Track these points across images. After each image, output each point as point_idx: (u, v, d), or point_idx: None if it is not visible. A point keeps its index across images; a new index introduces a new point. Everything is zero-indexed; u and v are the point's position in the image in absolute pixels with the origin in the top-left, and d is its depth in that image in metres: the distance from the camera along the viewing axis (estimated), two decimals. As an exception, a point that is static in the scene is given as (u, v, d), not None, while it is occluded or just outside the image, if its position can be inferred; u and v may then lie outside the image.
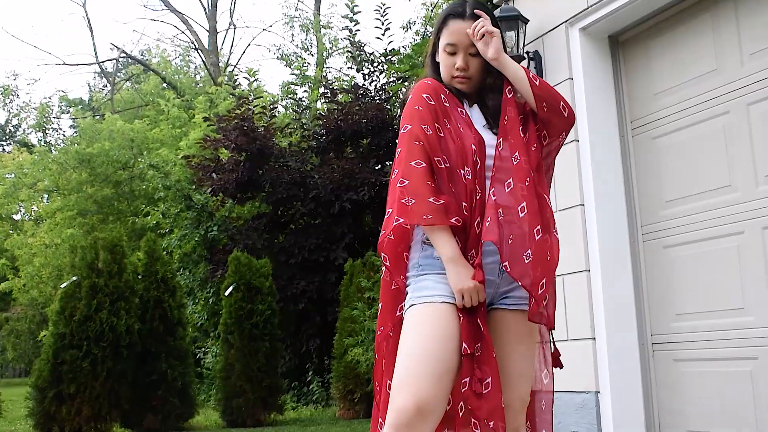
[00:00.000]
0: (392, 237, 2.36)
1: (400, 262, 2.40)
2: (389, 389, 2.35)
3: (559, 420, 4.85)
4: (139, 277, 8.97)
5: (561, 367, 2.53)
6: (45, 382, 7.96)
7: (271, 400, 8.97)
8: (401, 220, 2.30)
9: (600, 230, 4.73)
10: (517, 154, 2.38)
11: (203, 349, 13.73)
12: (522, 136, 2.41)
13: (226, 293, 8.98)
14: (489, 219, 2.30)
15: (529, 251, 2.30)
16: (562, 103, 2.48)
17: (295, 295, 11.43)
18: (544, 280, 2.29)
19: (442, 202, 2.27)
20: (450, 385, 2.24)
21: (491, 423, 2.21)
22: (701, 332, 4.44)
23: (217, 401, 9.20)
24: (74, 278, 8.34)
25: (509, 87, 2.49)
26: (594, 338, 4.66)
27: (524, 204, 2.33)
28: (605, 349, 4.61)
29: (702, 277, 4.46)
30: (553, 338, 2.58)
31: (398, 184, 2.33)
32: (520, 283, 2.29)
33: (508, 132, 2.42)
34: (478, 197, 2.33)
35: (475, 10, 2.50)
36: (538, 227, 2.36)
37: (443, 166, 2.34)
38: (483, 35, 2.47)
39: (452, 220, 2.27)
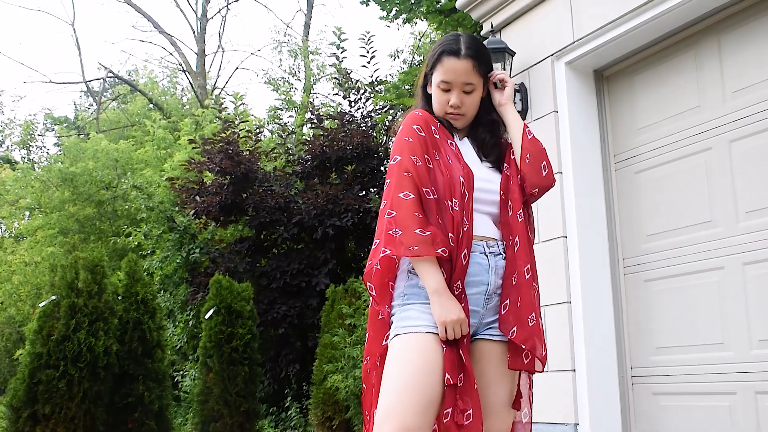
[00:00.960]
0: (379, 267, 2.39)
1: (385, 291, 2.42)
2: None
3: (538, 451, 4.84)
4: (119, 297, 8.91)
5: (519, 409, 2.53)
6: (20, 401, 7.86)
7: (249, 426, 8.91)
8: (388, 252, 2.33)
9: (582, 262, 4.75)
10: (521, 212, 2.48)
11: (181, 372, 13.62)
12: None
13: (206, 316, 8.94)
14: (507, 303, 2.40)
15: (533, 314, 2.39)
16: (544, 162, 2.55)
17: (276, 319, 11.38)
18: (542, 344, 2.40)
19: (428, 233, 2.29)
20: (434, 415, 2.24)
21: None
22: (681, 366, 4.46)
23: (194, 425, 9.12)
24: (53, 297, 8.28)
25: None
26: (574, 370, 4.67)
27: (529, 266, 2.43)
28: (585, 381, 4.62)
29: (682, 311, 4.49)
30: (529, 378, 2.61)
31: (386, 215, 2.37)
32: (523, 346, 2.36)
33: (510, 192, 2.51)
34: (465, 229, 2.35)
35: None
36: (536, 287, 2.47)
37: (432, 197, 2.37)
38: (500, 80, 2.62)
39: (438, 251, 2.28)
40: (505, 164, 2.57)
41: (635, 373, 4.72)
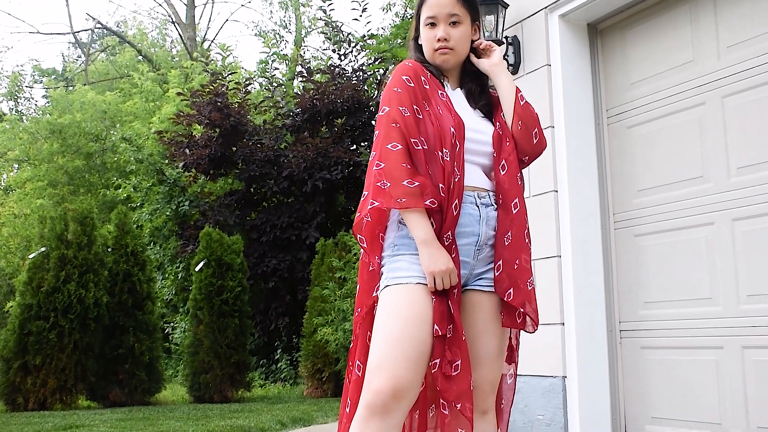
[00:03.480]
0: (369, 219, 2.39)
1: (375, 243, 2.42)
2: (358, 371, 2.37)
3: (526, 404, 4.89)
4: (109, 249, 8.91)
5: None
6: (10, 352, 7.90)
7: (239, 377, 8.97)
8: (377, 203, 2.32)
9: (572, 217, 4.76)
10: (520, 174, 2.50)
11: (172, 324, 13.68)
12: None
13: (197, 269, 8.94)
14: (501, 264, 2.41)
15: (531, 279, 2.42)
16: (537, 129, 2.55)
17: (266, 273, 11.42)
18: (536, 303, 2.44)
19: (417, 184, 2.28)
20: (425, 367, 2.26)
21: (458, 405, 2.24)
22: (669, 321, 4.49)
23: (184, 377, 9.18)
24: (43, 249, 8.27)
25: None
26: (563, 324, 4.70)
27: (527, 230, 2.47)
28: (573, 335, 4.65)
29: (671, 266, 4.51)
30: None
31: (375, 167, 2.36)
32: (521, 309, 2.40)
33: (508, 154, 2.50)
34: (456, 179, 2.34)
35: None
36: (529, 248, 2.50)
37: (420, 147, 2.35)
38: (485, 49, 2.63)
39: (427, 203, 2.28)
40: (497, 122, 2.55)
41: (623, 327, 4.75)
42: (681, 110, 4.54)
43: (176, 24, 25.35)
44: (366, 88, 12.67)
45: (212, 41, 26.76)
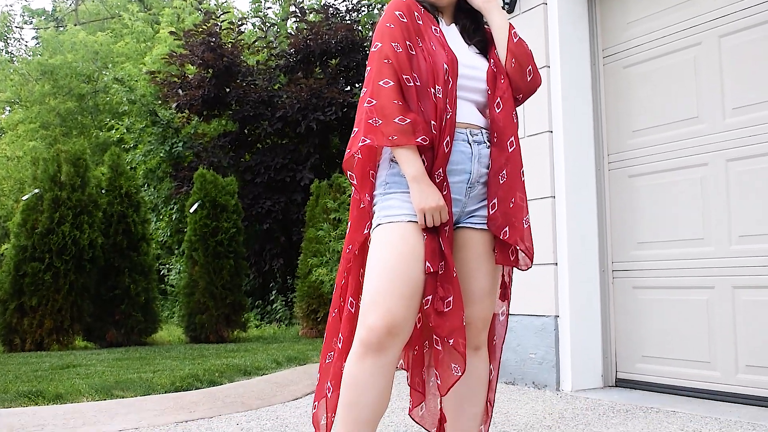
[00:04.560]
0: (360, 156, 2.39)
1: (366, 180, 2.42)
2: (351, 307, 2.38)
3: (518, 342, 4.95)
4: (103, 191, 8.89)
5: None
6: (6, 294, 7.93)
7: (235, 318, 9.04)
8: (368, 141, 2.31)
9: (567, 157, 4.75)
10: (515, 112, 2.49)
11: (167, 266, 13.73)
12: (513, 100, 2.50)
13: (191, 210, 8.94)
14: (496, 202, 2.40)
15: (527, 217, 2.43)
16: (531, 66, 2.51)
17: (261, 214, 11.43)
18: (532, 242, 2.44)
19: (408, 121, 2.26)
20: (418, 304, 2.27)
21: (451, 341, 2.26)
22: (661, 261, 4.52)
23: (180, 317, 9.24)
24: (36, 191, 8.25)
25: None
26: (556, 264, 4.73)
27: (523, 169, 2.45)
28: (566, 275, 4.68)
29: (665, 207, 4.52)
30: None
31: (366, 104, 2.34)
32: (518, 247, 2.40)
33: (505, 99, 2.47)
34: (448, 116, 2.32)
35: None
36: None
37: (412, 84, 2.33)
38: None
39: (418, 140, 2.26)
40: (492, 59, 2.52)
41: (616, 268, 4.78)
42: (677, 50, 4.50)
43: (167, -38, 24.90)
44: (360, 28, 12.52)
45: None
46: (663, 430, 3.49)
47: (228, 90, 11.87)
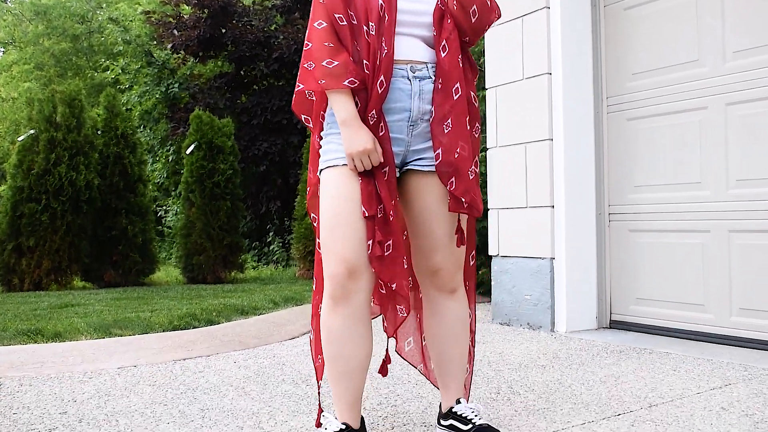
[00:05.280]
0: (294, 99, 2.41)
1: (317, 122, 2.43)
2: (319, 248, 2.40)
3: (514, 284, 4.98)
4: (99, 132, 8.85)
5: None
6: (4, 234, 7.95)
7: (232, 259, 9.09)
8: (301, 86, 2.33)
9: (565, 99, 4.72)
10: (461, 56, 2.34)
11: (164, 207, 13.74)
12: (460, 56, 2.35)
13: (188, 151, 8.92)
14: (440, 152, 2.29)
15: (473, 167, 2.31)
16: (476, 6, 2.33)
17: (257, 156, 11.40)
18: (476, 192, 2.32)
19: (336, 63, 2.22)
20: (363, 239, 2.26)
21: (394, 285, 2.23)
22: (658, 204, 4.53)
23: (177, 259, 9.29)
24: (31, 131, 8.21)
25: None
26: (553, 206, 4.73)
27: (469, 117, 2.33)
28: (563, 218, 4.69)
29: (663, 150, 4.51)
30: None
31: (305, 47, 2.33)
32: (463, 199, 2.28)
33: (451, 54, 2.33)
34: (382, 55, 2.24)
35: None
36: (476, 136, 2.43)
37: (345, 23, 2.26)
38: None
39: (345, 83, 2.21)
40: None
41: (612, 211, 4.79)
42: (679, -9, 4.45)
43: None
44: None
45: None
46: (656, 371, 3.53)
47: (224, 31, 11.75)
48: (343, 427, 2.31)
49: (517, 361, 3.85)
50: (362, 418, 2.40)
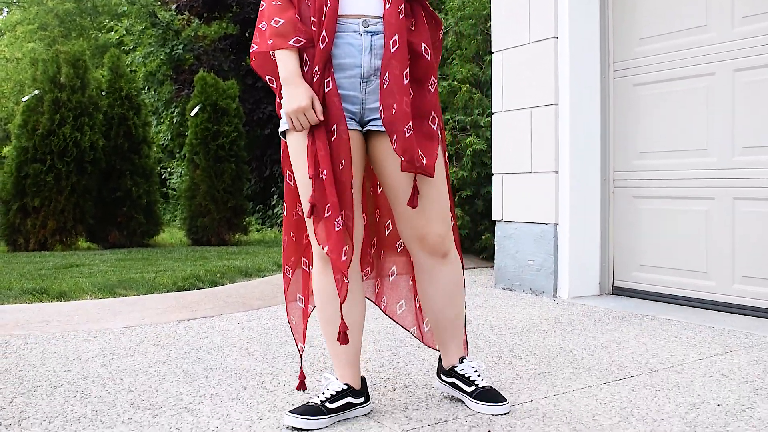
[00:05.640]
0: (254, 59, 2.40)
1: (275, 83, 2.40)
2: (299, 212, 2.43)
3: (517, 249, 4.99)
4: (103, 93, 8.83)
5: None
6: (9, 194, 7.97)
7: (236, 221, 9.10)
8: (255, 47, 2.33)
9: (572, 64, 4.69)
10: (401, 7, 2.26)
11: (168, 169, 13.74)
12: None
13: (192, 113, 8.90)
14: (382, 109, 2.22)
15: (410, 124, 2.19)
16: None
17: (262, 119, 11.37)
18: (419, 151, 2.21)
19: (282, 22, 2.21)
20: (349, 203, 2.25)
21: (326, 248, 2.20)
22: (663, 171, 4.51)
23: (182, 220, 9.31)
24: (36, 92, 8.19)
25: None
26: (557, 172, 4.72)
27: (407, 71, 2.21)
28: (567, 183, 4.68)
29: (668, 116, 4.49)
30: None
31: (260, 8, 2.33)
32: (402, 158, 2.19)
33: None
34: (326, 9, 2.20)
35: None
36: (430, 90, 2.31)
37: None
38: None
39: (291, 42, 2.21)
40: None
41: (617, 177, 4.78)
42: (689, -45, 4.39)
43: None
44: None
45: None
46: (657, 337, 3.55)
47: (229, -9, 11.63)
48: (345, 387, 2.33)
49: (520, 326, 3.87)
50: (364, 378, 2.42)
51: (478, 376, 2.45)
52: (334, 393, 2.31)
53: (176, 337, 3.65)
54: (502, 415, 2.35)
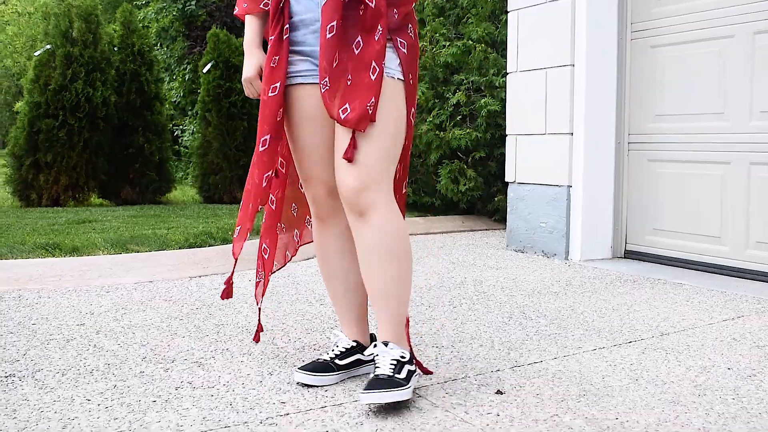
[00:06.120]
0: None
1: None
2: (282, 167, 2.38)
3: (530, 211, 4.97)
4: (115, 48, 8.79)
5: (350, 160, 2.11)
6: (21, 150, 7.98)
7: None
8: (236, 10, 2.36)
9: (589, 24, 4.62)
10: None
11: (180, 127, 13.71)
12: None
13: (204, 70, 8.85)
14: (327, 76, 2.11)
15: (350, 76, 2.09)
16: None
17: (275, 77, 11.28)
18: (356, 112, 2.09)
19: None
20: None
21: (258, 208, 2.27)
22: (679, 134, 4.47)
23: (194, 178, 9.32)
24: (48, 47, 8.15)
25: None
26: (571, 134, 4.69)
27: (335, 23, 2.08)
28: (581, 146, 4.65)
29: (686, 79, 4.43)
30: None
31: None
32: (336, 121, 2.09)
33: None
34: None
35: None
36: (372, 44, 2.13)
37: None
38: None
39: (260, 6, 2.25)
40: None
41: (632, 140, 4.74)
42: None
43: None
44: None
45: None
46: (669, 301, 3.54)
47: (242, -53, 11.51)
48: (354, 344, 2.34)
49: (530, 288, 3.87)
50: (373, 335, 2.43)
51: (379, 369, 2.12)
52: (343, 350, 2.32)
53: (188, 293, 3.67)
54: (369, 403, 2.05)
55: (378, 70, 2.08)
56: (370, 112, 2.06)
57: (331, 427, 1.93)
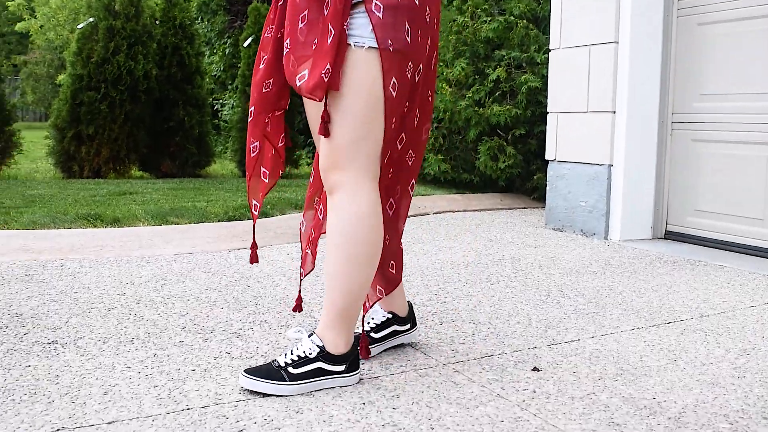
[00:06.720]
0: None
1: None
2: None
3: (569, 190, 4.93)
4: (157, 22, 8.83)
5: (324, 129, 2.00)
6: (64, 122, 8.07)
7: (287, 154, 9.11)
8: None
9: (634, 2, 4.54)
10: None
11: (220, 101, 13.78)
12: None
13: (245, 44, 8.87)
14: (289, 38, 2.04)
15: (314, 45, 1.96)
16: None
17: (314, 52, 11.28)
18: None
19: None
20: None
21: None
22: (724, 114, 4.39)
23: (233, 152, 9.35)
24: (90, 19, 8.22)
25: None
26: (614, 112, 4.63)
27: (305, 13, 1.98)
28: (624, 124, 4.59)
29: (733, 58, 4.35)
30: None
31: None
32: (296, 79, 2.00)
33: None
34: None
35: None
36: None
37: None
38: None
39: None
40: None
41: (676, 119, 4.67)
42: None
43: None
44: None
45: None
46: (709, 283, 3.50)
47: None
48: (390, 316, 2.34)
49: (569, 266, 3.84)
50: (410, 303, 2.42)
51: (286, 361, 2.03)
52: (379, 323, 2.32)
53: (227, 265, 3.70)
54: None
55: (333, 33, 1.90)
56: (326, 79, 1.89)
57: (367, 398, 1.94)
